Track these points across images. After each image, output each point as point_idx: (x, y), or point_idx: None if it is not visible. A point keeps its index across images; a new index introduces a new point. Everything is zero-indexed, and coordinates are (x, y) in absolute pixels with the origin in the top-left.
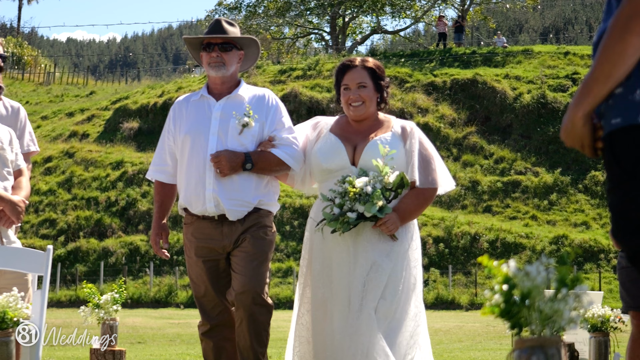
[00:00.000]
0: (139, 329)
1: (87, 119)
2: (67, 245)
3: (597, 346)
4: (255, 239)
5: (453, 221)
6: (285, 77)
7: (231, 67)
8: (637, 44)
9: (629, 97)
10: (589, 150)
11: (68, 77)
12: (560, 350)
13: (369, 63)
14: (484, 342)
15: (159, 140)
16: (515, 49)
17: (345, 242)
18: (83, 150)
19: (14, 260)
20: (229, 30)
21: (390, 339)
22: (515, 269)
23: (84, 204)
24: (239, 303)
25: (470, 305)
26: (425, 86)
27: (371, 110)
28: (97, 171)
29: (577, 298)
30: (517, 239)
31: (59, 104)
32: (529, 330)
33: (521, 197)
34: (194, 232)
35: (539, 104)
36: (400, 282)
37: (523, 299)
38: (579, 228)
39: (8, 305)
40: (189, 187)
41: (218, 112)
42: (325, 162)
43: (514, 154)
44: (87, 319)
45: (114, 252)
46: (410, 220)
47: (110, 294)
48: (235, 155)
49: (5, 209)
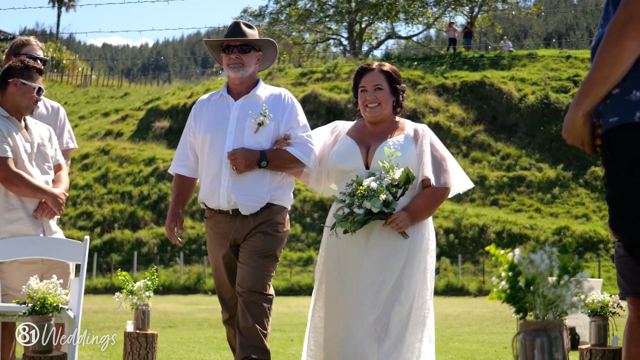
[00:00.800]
0: (170, 314)
1: (122, 119)
2: (103, 236)
3: (596, 330)
4: (265, 235)
5: (462, 213)
6: (306, 80)
7: (250, 67)
8: (633, 48)
9: (625, 97)
10: (589, 147)
11: (104, 79)
12: (562, 333)
13: (386, 67)
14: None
15: (181, 136)
16: (520, 53)
17: (358, 242)
18: (118, 147)
19: (55, 250)
20: (247, 33)
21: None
22: (520, 257)
23: (119, 198)
24: (239, 293)
25: (478, 291)
26: (437, 88)
27: (386, 113)
28: (130, 167)
29: (578, 284)
30: (522, 230)
31: (95, 104)
32: (533, 315)
33: (526, 191)
34: (213, 226)
35: (543, 104)
36: (415, 283)
37: (527, 285)
38: (580, 220)
39: (48, 292)
40: (206, 183)
41: (236, 112)
42: (341, 163)
43: (519, 151)
44: (122, 305)
45: (146, 243)
46: (422, 220)
47: (143, 282)
48: (251, 153)
49: (47, 201)
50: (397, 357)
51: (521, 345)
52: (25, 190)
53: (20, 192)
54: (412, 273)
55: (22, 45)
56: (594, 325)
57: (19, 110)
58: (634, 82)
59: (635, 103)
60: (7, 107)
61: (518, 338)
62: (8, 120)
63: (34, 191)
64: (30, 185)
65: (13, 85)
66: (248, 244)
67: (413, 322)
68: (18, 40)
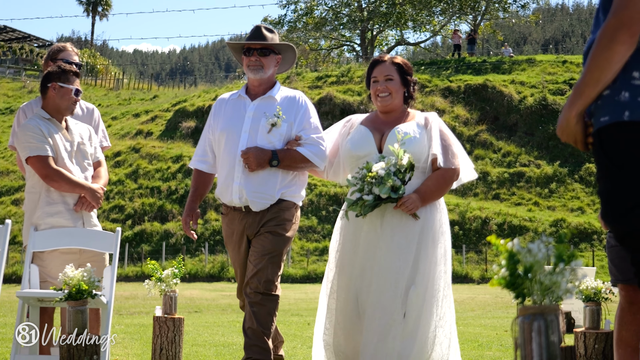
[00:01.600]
0: (196, 299)
1: (151, 119)
2: (134, 228)
3: (590, 314)
4: (273, 235)
5: (466, 207)
6: (322, 83)
7: (269, 70)
8: (622, 52)
9: (615, 98)
10: (581, 145)
11: (134, 83)
12: (558, 317)
13: (397, 59)
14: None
15: (202, 133)
16: (520, 58)
17: (373, 225)
18: (147, 146)
19: (89, 241)
20: (267, 37)
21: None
22: (519, 246)
23: (148, 192)
24: (247, 293)
25: (481, 279)
26: (442, 90)
27: (397, 102)
28: (159, 164)
29: (573, 272)
30: (522, 222)
31: (126, 106)
32: (531, 300)
33: (525, 186)
34: (229, 222)
35: (541, 106)
36: (430, 267)
37: (526, 272)
38: (575, 213)
39: (83, 279)
40: (220, 179)
41: (251, 112)
42: (355, 149)
43: (519, 149)
44: (151, 291)
45: (174, 234)
46: (432, 201)
47: (170, 270)
48: (263, 152)
49: (86, 195)
50: (413, 340)
51: (520, 329)
52: (65, 186)
53: (60, 187)
54: (427, 256)
55: (59, 51)
56: (588, 310)
57: (59, 112)
58: (623, 84)
59: (624, 103)
60: (49, 109)
61: (517, 322)
62: (49, 121)
63: (72, 186)
64: (69, 181)
65: (52, 89)
66: (257, 244)
67: (429, 304)
68: (55, 46)
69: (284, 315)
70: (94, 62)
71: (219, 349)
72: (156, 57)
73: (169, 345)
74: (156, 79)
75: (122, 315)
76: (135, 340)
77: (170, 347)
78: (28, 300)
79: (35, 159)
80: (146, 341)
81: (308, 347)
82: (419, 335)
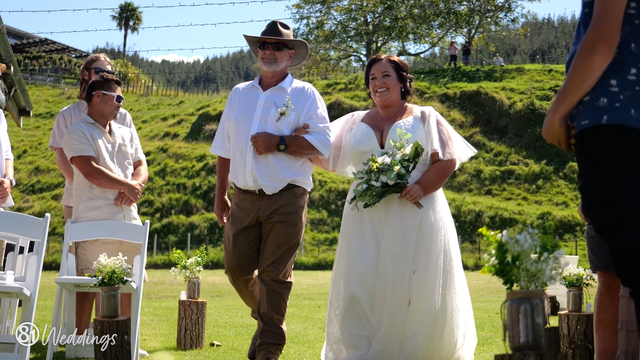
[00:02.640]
0: (217, 285)
1: (177, 122)
2: (162, 220)
3: (573, 298)
4: (287, 226)
5: (462, 201)
6: (331, 90)
7: (282, 63)
8: (601, 62)
9: (594, 104)
10: (564, 146)
11: (162, 90)
12: (543, 301)
13: (393, 57)
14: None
15: (219, 122)
16: (510, 67)
17: (377, 214)
18: (174, 146)
19: (122, 232)
20: (282, 32)
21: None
22: (508, 237)
23: (175, 188)
24: (261, 279)
25: (475, 266)
26: (440, 96)
27: (394, 97)
28: (184, 163)
29: (556, 260)
30: (512, 215)
31: (155, 110)
32: (518, 285)
33: (515, 182)
34: (238, 202)
35: (529, 110)
36: (432, 254)
37: (513, 260)
38: (560, 206)
39: (116, 267)
40: (234, 164)
41: (262, 101)
42: (358, 146)
43: (509, 149)
44: (177, 277)
45: (198, 226)
46: (433, 190)
47: (194, 258)
48: (271, 137)
49: (125, 190)
50: (418, 326)
51: (508, 311)
52: (105, 183)
53: (101, 184)
54: (425, 246)
55: (93, 60)
56: (570, 295)
57: (103, 116)
58: (601, 91)
59: (603, 108)
60: (94, 115)
61: (506, 305)
62: (93, 125)
63: (112, 183)
64: (109, 178)
65: (96, 96)
66: (273, 234)
67: (431, 292)
68: (90, 57)
69: (298, 299)
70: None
71: (238, 329)
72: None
73: (192, 326)
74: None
75: (151, 299)
76: (162, 322)
77: (194, 328)
78: (66, 286)
79: (78, 159)
80: (172, 322)
81: (319, 328)
82: (425, 321)
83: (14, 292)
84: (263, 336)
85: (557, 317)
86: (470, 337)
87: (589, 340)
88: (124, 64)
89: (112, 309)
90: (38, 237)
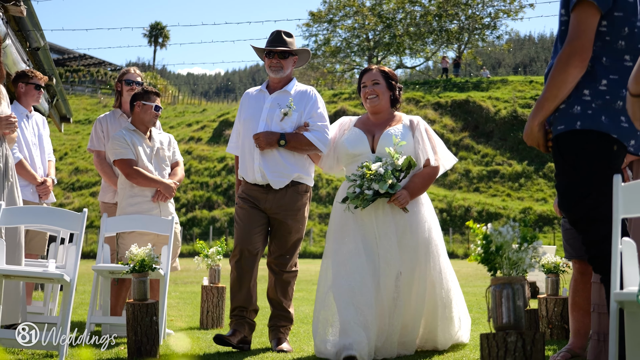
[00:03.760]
0: None
1: (201, 128)
2: (187, 215)
3: (551, 283)
4: (292, 222)
5: (452, 197)
6: (337, 99)
7: (287, 70)
8: (575, 74)
9: (569, 111)
10: (543, 148)
11: (187, 99)
12: (523, 286)
13: (383, 67)
14: (473, 281)
15: (234, 124)
16: (495, 78)
17: (369, 216)
18: (198, 149)
19: (151, 225)
20: (287, 41)
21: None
22: (492, 229)
23: (198, 186)
24: (271, 269)
25: (464, 255)
26: (433, 104)
27: (383, 104)
28: (207, 164)
29: (535, 250)
30: (497, 210)
31: (181, 117)
32: (501, 272)
33: (500, 181)
34: (245, 189)
35: (512, 117)
36: (413, 254)
37: (497, 250)
38: (540, 202)
39: (145, 256)
40: (243, 161)
41: (268, 104)
42: (351, 149)
43: (494, 151)
44: (199, 265)
45: (219, 219)
46: (419, 195)
47: (215, 248)
48: (271, 134)
49: (160, 189)
50: (410, 320)
51: (492, 295)
52: (142, 182)
53: (139, 183)
54: (410, 246)
55: (124, 73)
56: (549, 280)
57: (143, 124)
58: (575, 100)
59: (577, 115)
60: (135, 122)
61: (490, 290)
62: (134, 132)
63: (148, 182)
64: (146, 178)
65: (137, 106)
66: (281, 229)
67: (421, 288)
68: (123, 69)
69: (307, 284)
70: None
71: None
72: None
73: (213, 309)
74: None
75: (177, 284)
76: (187, 304)
77: (215, 310)
78: (101, 273)
79: (119, 161)
80: (196, 305)
81: None
82: (419, 309)
83: (56, 278)
84: (273, 319)
85: (537, 300)
86: (465, 319)
87: (565, 321)
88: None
89: (142, 293)
90: (77, 229)
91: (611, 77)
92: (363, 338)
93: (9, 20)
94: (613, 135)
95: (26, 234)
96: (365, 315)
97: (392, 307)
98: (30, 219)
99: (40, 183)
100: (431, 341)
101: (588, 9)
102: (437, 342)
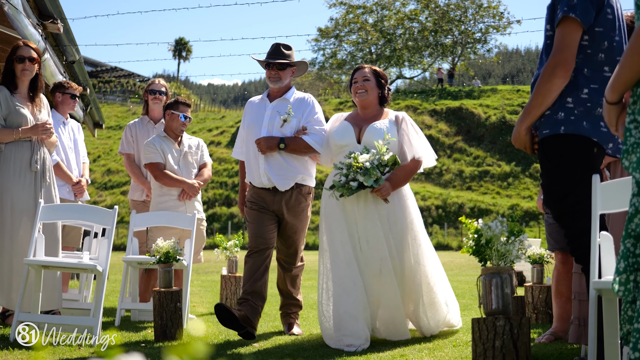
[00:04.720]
0: None
1: (220, 133)
2: (208, 211)
3: (536, 273)
4: (297, 222)
5: (447, 195)
6: (342, 107)
7: (285, 80)
8: (559, 84)
9: (554, 117)
10: (530, 151)
11: (208, 107)
12: (511, 275)
13: (374, 67)
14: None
15: (238, 131)
16: (486, 88)
17: (352, 206)
18: (217, 152)
19: (174, 220)
20: (285, 54)
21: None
22: (482, 224)
23: (218, 185)
24: (282, 262)
25: (458, 247)
26: (430, 111)
27: (371, 99)
28: (226, 165)
29: (521, 242)
30: (488, 206)
31: (202, 124)
32: (491, 263)
33: (490, 180)
34: (253, 194)
35: (501, 122)
36: (401, 244)
37: (487, 243)
38: (526, 199)
39: (170, 248)
40: (249, 166)
41: (269, 111)
42: (339, 139)
43: (485, 153)
44: (219, 256)
45: (236, 215)
46: (400, 187)
47: (233, 241)
48: (271, 138)
49: (185, 188)
50: (399, 307)
51: (482, 284)
52: (169, 182)
53: (166, 183)
54: (395, 237)
55: (151, 84)
56: (534, 270)
57: (172, 131)
58: (559, 107)
59: (561, 120)
60: (166, 129)
61: (480, 279)
62: (165, 138)
63: (174, 182)
64: (171, 179)
65: (167, 115)
66: (287, 231)
67: (408, 276)
68: (150, 80)
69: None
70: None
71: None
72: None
73: (232, 296)
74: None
75: (199, 274)
76: (208, 292)
77: (233, 297)
78: (130, 264)
79: (149, 165)
80: (215, 293)
81: None
82: (406, 295)
83: (90, 269)
84: (284, 306)
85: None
86: (452, 304)
87: (549, 307)
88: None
89: (167, 282)
90: (108, 224)
91: (592, 86)
92: (358, 327)
93: (48, 36)
94: (593, 139)
95: (63, 229)
96: (357, 304)
97: (377, 291)
98: (66, 215)
99: (75, 183)
100: (417, 326)
101: (572, 24)
102: (422, 327)
